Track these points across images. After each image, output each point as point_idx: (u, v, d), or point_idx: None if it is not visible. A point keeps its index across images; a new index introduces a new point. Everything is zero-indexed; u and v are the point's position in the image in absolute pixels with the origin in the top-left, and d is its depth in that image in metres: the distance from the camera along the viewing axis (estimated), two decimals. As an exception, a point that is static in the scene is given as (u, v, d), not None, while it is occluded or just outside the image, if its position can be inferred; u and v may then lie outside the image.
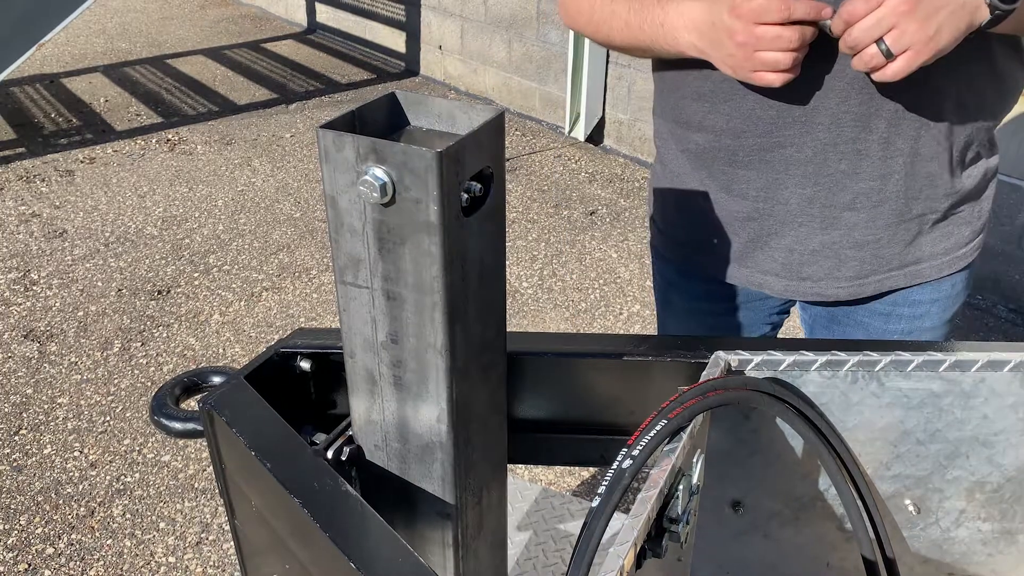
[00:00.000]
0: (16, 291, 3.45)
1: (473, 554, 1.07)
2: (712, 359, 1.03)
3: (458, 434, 0.95)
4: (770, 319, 1.44)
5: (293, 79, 6.12)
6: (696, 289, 1.43)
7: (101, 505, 2.43)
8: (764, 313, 1.42)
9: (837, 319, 1.37)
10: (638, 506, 0.80)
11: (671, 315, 1.52)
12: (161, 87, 5.85)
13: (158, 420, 1.07)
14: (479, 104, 0.89)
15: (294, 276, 3.61)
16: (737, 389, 0.97)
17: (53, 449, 2.64)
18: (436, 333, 0.87)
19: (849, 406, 1.05)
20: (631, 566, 0.77)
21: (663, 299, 1.52)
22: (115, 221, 4.04)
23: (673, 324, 1.52)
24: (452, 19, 5.71)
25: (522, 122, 5.30)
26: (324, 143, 0.80)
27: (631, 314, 3.35)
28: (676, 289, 1.47)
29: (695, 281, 1.42)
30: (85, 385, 2.92)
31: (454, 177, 0.79)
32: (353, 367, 0.95)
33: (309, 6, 7.24)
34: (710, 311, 1.43)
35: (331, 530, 0.82)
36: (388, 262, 0.84)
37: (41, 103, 5.51)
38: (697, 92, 1.22)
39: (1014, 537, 1.15)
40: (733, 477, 1.11)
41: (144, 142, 4.96)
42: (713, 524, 1.14)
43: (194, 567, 2.24)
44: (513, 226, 4.01)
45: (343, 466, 1.00)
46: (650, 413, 0.90)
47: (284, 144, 4.96)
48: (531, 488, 1.79)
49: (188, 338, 3.18)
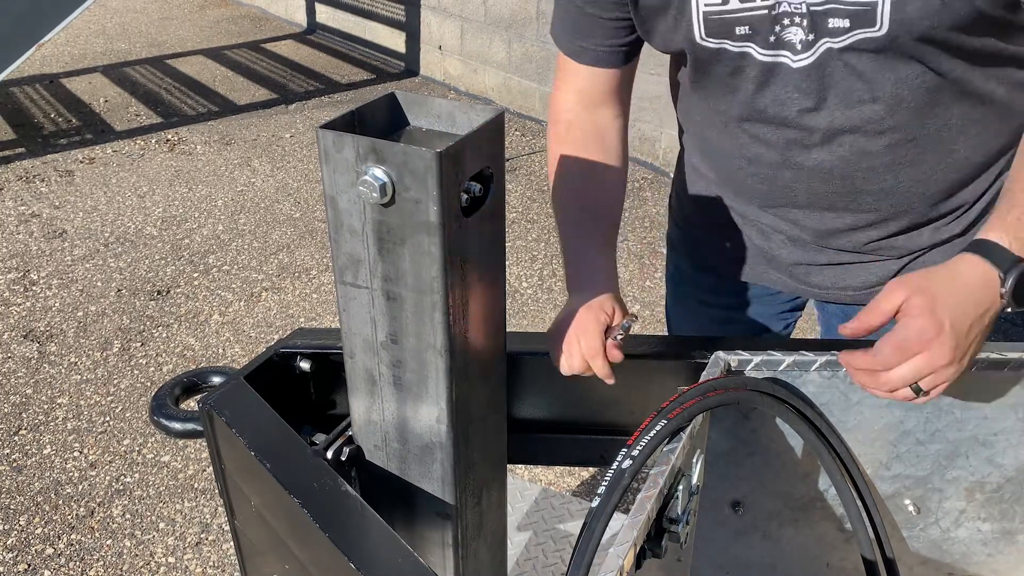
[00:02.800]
0: (16, 291, 3.45)
1: (473, 554, 1.07)
2: (712, 359, 1.03)
3: (458, 434, 0.95)
4: (783, 316, 1.45)
5: (293, 79, 6.12)
6: (708, 282, 1.44)
7: (101, 505, 2.43)
8: (776, 309, 1.43)
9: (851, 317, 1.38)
10: (638, 506, 0.80)
11: (681, 306, 1.54)
12: (161, 87, 5.85)
13: (158, 420, 1.07)
14: (479, 104, 0.89)
15: (294, 276, 3.61)
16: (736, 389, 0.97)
17: (53, 449, 2.64)
18: (436, 333, 0.87)
19: (849, 406, 1.05)
20: (631, 566, 0.77)
21: (674, 290, 1.55)
22: (115, 221, 4.04)
23: (682, 315, 1.54)
24: (452, 19, 5.71)
25: (522, 122, 5.30)
26: (324, 143, 0.80)
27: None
28: (688, 281, 1.49)
29: (707, 274, 1.44)
30: (85, 385, 2.92)
31: (454, 177, 0.79)
32: (353, 367, 0.95)
33: (309, 6, 7.24)
34: (721, 304, 1.45)
35: (331, 530, 0.82)
36: (388, 262, 0.84)
37: (41, 103, 5.51)
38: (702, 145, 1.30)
39: (1014, 537, 1.15)
40: (733, 477, 1.11)
41: (144, 142, 4.96)
42: (713, 524, 1.14)
43: (194, 567, 2.24)
44: (513, 226, 4.00)
45: (343, 466, 1.00)
46: (650, 413, 0.90)
47: (284, 144, 4.96)
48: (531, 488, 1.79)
49: (188, 338, 3.18)
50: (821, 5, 0.99)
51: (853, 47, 1.00)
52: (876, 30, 0.97)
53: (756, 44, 1.05)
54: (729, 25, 1.04)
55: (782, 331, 1.47)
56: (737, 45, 1.06)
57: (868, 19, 0.97)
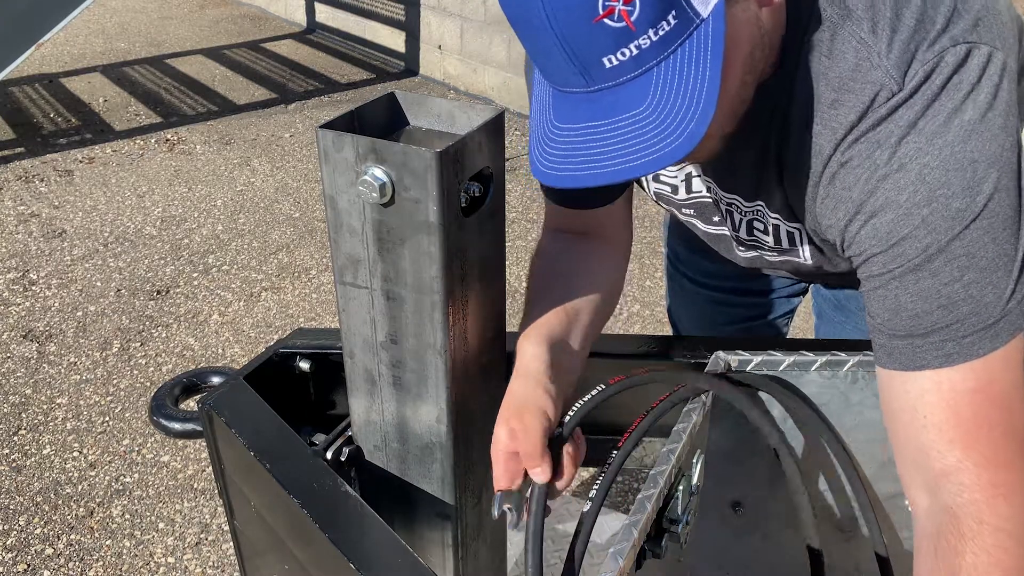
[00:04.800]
0: (15, 291, 3.45)
1: (473, 554, 1.07)
2: (712, 359, 1.03)
3: (458, 434, 0.95)
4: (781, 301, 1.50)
5: (292, 79, 6.11)
6: (703, 265, 1.48)
7: (100, 505, 2.43)
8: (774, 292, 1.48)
9: (842, 304, 1.40)
10: (638, 506, 0.80)
11: (678, 287, 1.57)
12: (160, 87, 5.85)
13: (157, 420, 1.07)
14: (479, 104, 0.89)
15: (293, 276, 3.61)
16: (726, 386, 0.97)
17: (52, 449, 2.63)
18: (436, 333, 0.86)
19: (849, 406, 1.05)
20: (631, 566, 0.77)
21: (672, 272, 1.58)
22: (114, 221, 4.04)
23: (679, 298, 1.58)
24: (452, 19, 5.71)
25: (522, 122, 5.30)
26: (324, 143, 0.80)
27: (631, 314, 3.35)
28: (684, 262, 1.53)
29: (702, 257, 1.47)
30: (84, 385, 2.92)
31: (454, 177, 0.79)
32: (353, 367, 0.95)
33: (308, 6, 7.23)
34: (716, 287, 1.49)
35: (331, 530, 0.82)
36: (387, 262, 0.84)
37: (40, 103, 5.51)
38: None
39: (1014, 537, 1.14)
40: (733, 477, 1.11)
41: (143, 142, 4.96)
42: (713, 524, 1.13)
43: (193, 567, 2.24)
44: (513, 226, 4.00)
45: (342, 467, 1.00)
46: (641, 414, 0.90)
47: (283, 144, 4.96)
48: (531, 488, 1.79)
49: (187, 338, 3.18)
50: (749, 239, 1.08)
51: (784, 262, 1.11)
52: (803, 260, 1.08)
53: (700, 221, 1.14)
54: (675, 206, 1.13)
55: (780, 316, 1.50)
56: (684, 218, 1.16)
57: (795, 254, 1.07)
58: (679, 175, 1.08)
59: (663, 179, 1.10)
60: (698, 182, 1.07)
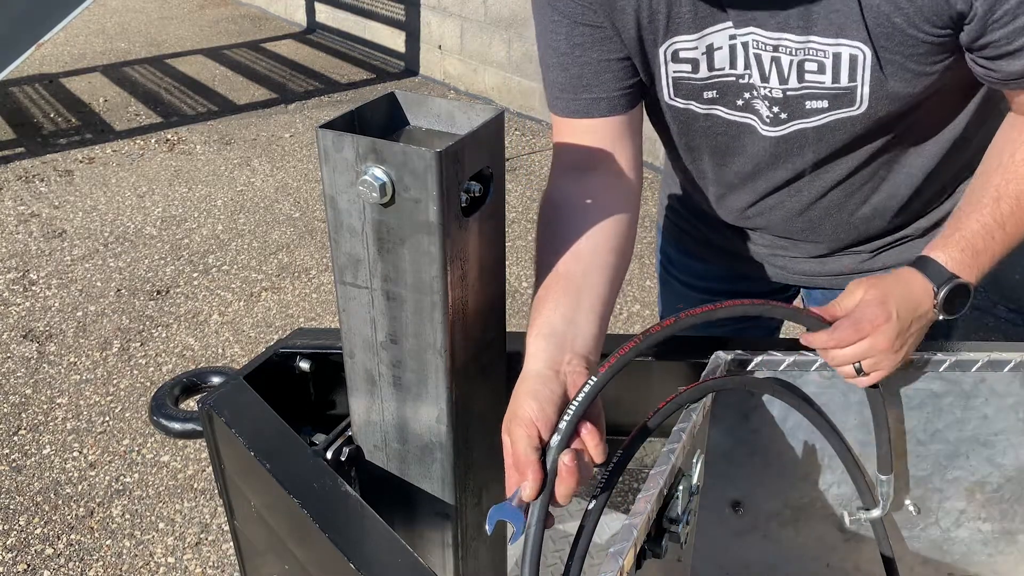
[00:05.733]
0: (15, 291, 3.45)
1: (473, 554, 1.07)
2: (712, 359, 1.03)
3: (458, 434, 0.95)
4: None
5: (292, 79, 6.11)
6: (694, 267, 1.50)
7: (100, 505, 2.43)
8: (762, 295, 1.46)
9: None
10: (638, 506, 0.80)
11: (668, 290, 1.59)
12: (160, 87, 5.85)
13: (157, 420, 1.07)
14: (479, 104, 0.89)
15: (293, 276, 3.61)
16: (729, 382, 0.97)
17: (52, 449, 2.63)
18: (436, 333, 0.86)
19: (849, 406, 1.05)
20: (631, 566, 0.77)
21: (662, 274, 1.59)
22: (114, 221, 4.04)
23: (669, 299, 1.59)
24: (452, 19, 5.71)
25: (522, 122, 5.30)
26: (324, 143, 0.80)
27: (631, 314, 3.35)
28: (674, 264, 1.54)
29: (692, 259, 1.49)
30: (84, 385, 2.92)
31: (454, 177, 0.79)
32: (352, 367, 0.95)
33: (308, 6, 7.23)
34: (704, 288, 1.49)
35: (331, 530, 0.82)
36: (388, 262, 0.84)
37: (40, 103, 5.51)
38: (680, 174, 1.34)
39: (1014, 537, 1.15)
40: (733, 477, 1.11)
41: (143, 142, 4.96)
42: (713, 524, 1.13)
43: (193, 567, 2.24)
44: (513, 226, 4.00)
45: (342, 466, 1.00)
46: (649, 413, 0.90)
47: (283, 144, 4.96)
48: (531, 488, 1.78)
49: (187, 338, 3.18)
50: (798, 90, 1.03)
51: (828, 125, 1.07)
52: (856, 108, 1.03)
53: (723, 106, 1.10)
54: (697, 90, 1.09)
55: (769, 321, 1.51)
56: (704, 107, 1.11)
57: (848, 100, 1.03)
58: (699, 45, 1.02)
59: (682, 55, 1.04)
60: (720, 55, 1.02)
